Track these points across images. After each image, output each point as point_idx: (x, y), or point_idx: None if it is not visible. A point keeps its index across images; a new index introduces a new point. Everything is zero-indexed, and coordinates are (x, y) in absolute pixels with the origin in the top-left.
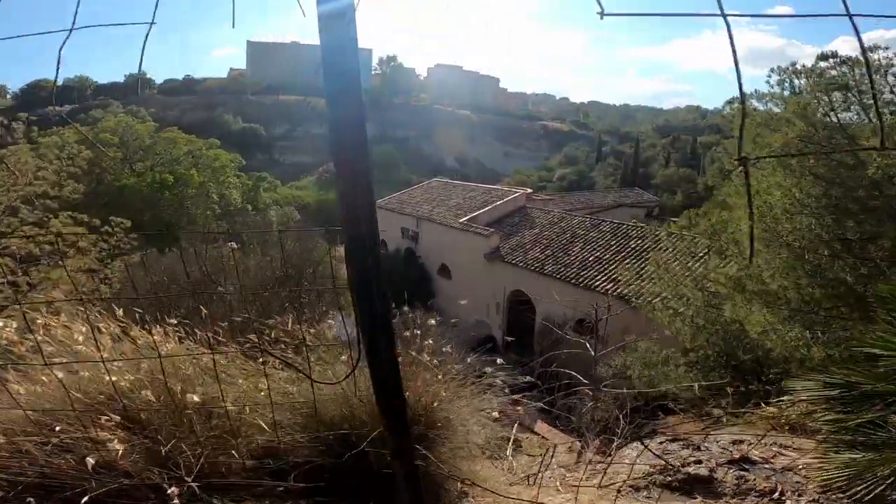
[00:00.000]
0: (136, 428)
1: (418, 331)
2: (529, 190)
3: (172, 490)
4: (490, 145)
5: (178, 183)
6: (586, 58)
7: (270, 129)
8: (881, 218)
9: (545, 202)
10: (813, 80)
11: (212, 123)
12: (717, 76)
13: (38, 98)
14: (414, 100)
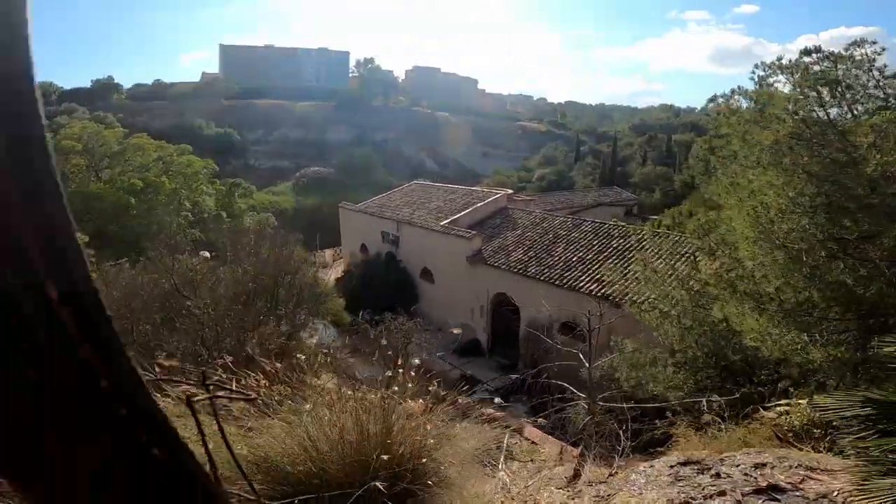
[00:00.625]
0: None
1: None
2: (510, 191)
3: None
4: (469, 146)
5: (149, 190)
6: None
7: (245, 134)
8: (879, 216)
9: (526, 203)
10: (799, 76)
11: (183, 129)
12: (687, 75)
13: None
14: (392, 102)
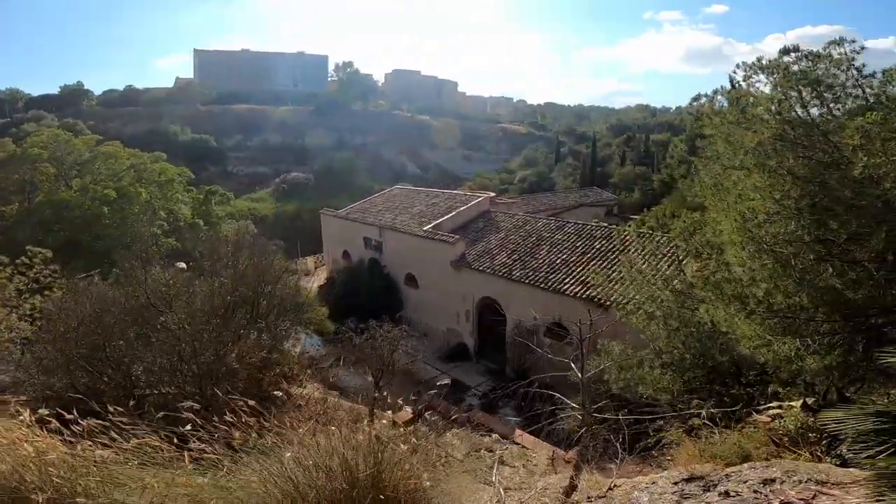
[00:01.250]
0: None
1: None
2: (493, 194)
3: None
4: (450, 149)
5: (122, 199)
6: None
7: (223, 140)
8: (867, 218)
9: (508, 205)
10: (781, 76)
11: (157, 135)
12: (663, 75)
13: None
14: (372, 105)
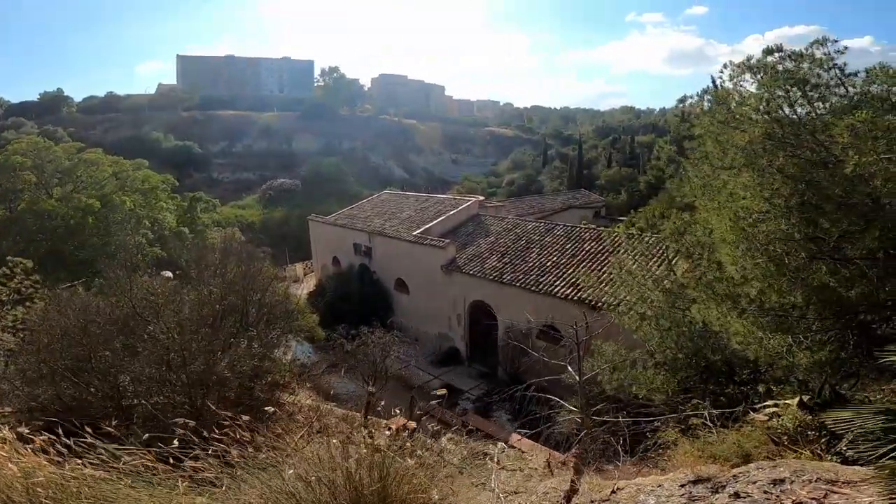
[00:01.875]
0: None
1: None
2: (482, 197)
3: None
4: (438, 153)
5: (105, 207)
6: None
7: (208, 146)
8: (858, 216)
9: (498, 209)
10: (767, 76)
11: (140, 142)
12: (646, 77)
13: None
14: (359, 110)
